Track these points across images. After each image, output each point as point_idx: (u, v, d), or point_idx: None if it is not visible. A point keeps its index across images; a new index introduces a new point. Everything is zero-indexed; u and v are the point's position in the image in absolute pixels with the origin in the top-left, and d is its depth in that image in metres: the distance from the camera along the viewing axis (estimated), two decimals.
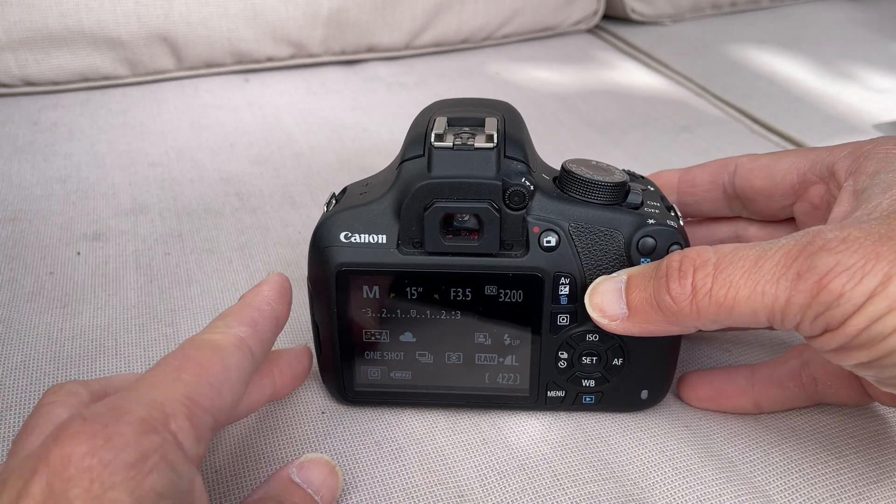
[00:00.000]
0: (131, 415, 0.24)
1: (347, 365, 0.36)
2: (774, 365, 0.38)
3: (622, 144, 0.67)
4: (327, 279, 0.34)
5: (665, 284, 0.30)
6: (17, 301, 0.44)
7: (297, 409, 0.38)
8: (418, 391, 0.36)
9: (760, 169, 0.38)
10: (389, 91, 0.76)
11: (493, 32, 0.88)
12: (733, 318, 0.29)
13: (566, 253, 0.33)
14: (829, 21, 1.00)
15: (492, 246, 0.33)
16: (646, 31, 0.95)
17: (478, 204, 0.32)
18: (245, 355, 0.29)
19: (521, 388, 0.36)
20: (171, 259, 0.49)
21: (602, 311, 0.32)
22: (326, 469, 0.31)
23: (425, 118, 0.35)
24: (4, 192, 0.56)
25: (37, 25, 0.68)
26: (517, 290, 0.34)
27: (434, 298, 0.34)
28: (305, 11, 0.76)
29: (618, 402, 0.37)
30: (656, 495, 0.34)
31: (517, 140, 0.33)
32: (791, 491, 0.34)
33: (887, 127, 0.71)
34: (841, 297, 0.26)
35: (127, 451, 0.22)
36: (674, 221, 0.34)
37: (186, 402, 0.25)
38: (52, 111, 0.69)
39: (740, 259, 0.28)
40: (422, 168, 0.33)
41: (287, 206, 0.55)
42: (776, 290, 0.27)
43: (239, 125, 0.68)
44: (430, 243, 0.33)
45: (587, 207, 0.34)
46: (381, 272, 0.34)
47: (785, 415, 0.38)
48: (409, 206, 0.32)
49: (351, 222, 0.33)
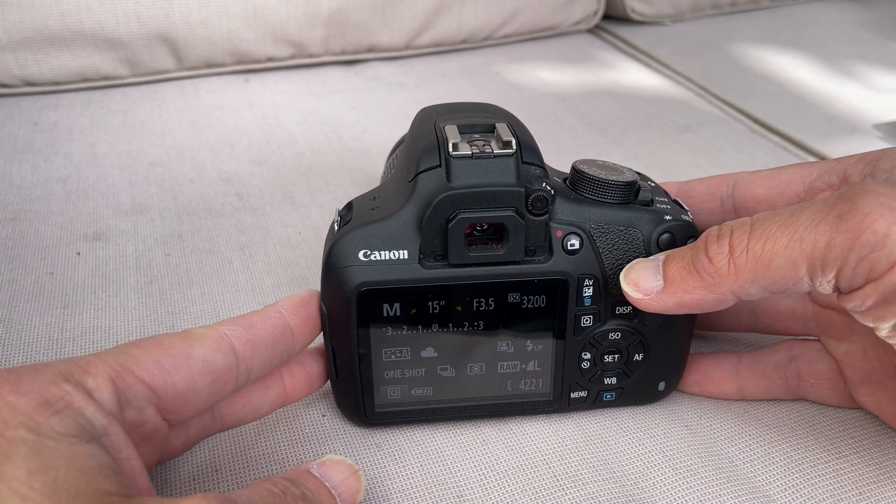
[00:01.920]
0: (50, 368, 0.25)
1: (367, 387, 0.35)
2: (761, 355, 0.38)
3: (622, 144, 0.67)
4: (347, 300, 0.32)
5: (703, 248, 0.30)
6: (18, 302, 0.44)
7: (297, 410, 0.38)
8: (440, 406, 0.36)
9: (763, 178, 0.37)
10: (389, 91, 0.76)
11: (493, 32, 0.88)
12: (771, 274, 0.28)
13: (589, 255, 0.33)
14: (829, 21, 1.00)
15: (517, 253, 0.33)
16: (646, 31, 0.95)
17: (502, 212, 0.32)
18: (221, 349, 0.29)
19: (544, 392, 0.36)
20: (171, 259, 0.49)
21: (637, 286, 0.32)
22: (348, 470, 0.31)
23: (428, 127, 0.34)
24: (4, 193, 0.56)
25: (37, 25, 0.68)
26: (541, 296, 0.34)
27: (457, 311, 0.34)
28: (305, 11, 0.76)
29: (637, 396, 0.37)
30: (656, 495, 0.34)
31: (531, 145, 0.33)
32: (791, 491, 0.34)
33: (887, 127, 0.71)
34: (887, 237, 0.25)
35: (30, 395, 0.24)
36: (686, 215, 0.34)
37: (117, 367, 0.27)
38: (52, 111, 0.69)
39: (776, 215, 0.28)
40: (441, 179, 0.32)
41: (287, 206, 0.55)
42: (815, 234, 0.26)
43: (239, 125, 0.68)
44: (455, 255, 0.32)
45: (604, 208, 0.33)
46: (405, 289, 0.33)
47: (785, 414, 0.38)
48: (432, 219, 0.32)
49: (369, 239, 0.32)
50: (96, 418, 0.25)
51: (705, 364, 0.39)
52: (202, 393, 0.29)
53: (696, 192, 0.39)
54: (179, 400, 0.28)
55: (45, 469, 0.22)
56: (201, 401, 0.29)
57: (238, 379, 0.30)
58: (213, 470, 0.34)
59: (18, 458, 0.22)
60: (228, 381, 0.30)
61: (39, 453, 0.22)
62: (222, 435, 0.36)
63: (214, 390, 0.30)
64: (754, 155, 0.65)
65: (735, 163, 0.64)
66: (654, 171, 0.43)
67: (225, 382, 0.30)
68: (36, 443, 0.23)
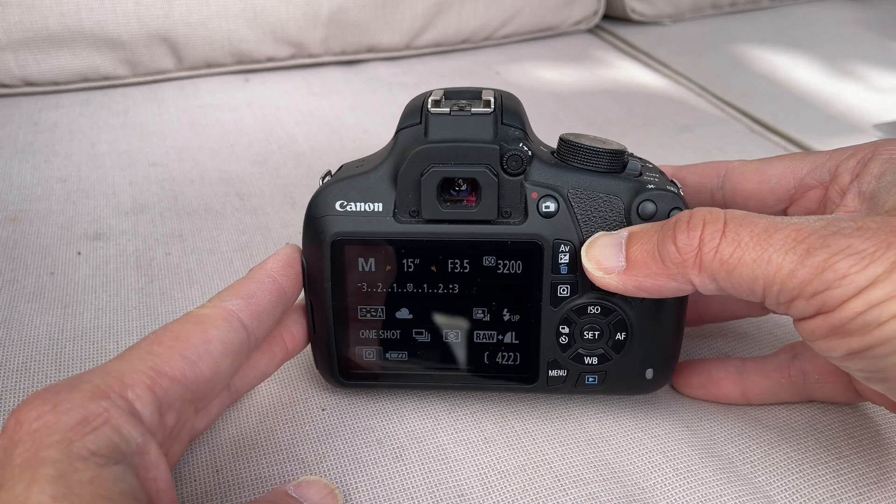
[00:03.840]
0: (87, 384, 0.25)
1: (342, 344, 0.35)
2: (765, 358, 0.38)
3: (622, 144, 0.67)
4: (322, 251, 0.33)
5: (672, 235, 0.30)
6: (18, 302, 0.44)
7: (297, 406, 0.38)
8: (415, 373, 0.36)
9: (753, 172, 0.37)
10: (389, 91, 0.76)
11: (493, 32, 0.88)
12: (731, 281, 0.28)
13: (565, 219, 0.33)
14: (829, 21, 1.00)
15: (490, 212, 0.33)
16: (646, 31, 0.95)
17: (475, 168, 0.32)
18: (233, 327, 0.29)
19: (522, 367, 0.35)
20: (171, 259, 0.49)
21: (598, 263, 0.32)
22: (325, 490, 0.31)
23: (422, 95, 0.35)
24: (5, 193, 0.56)
25: (37, 25, 0.68)
26: (516, 261, 0.33)
27: (431, 271, 0.34)
28: (305, 11, 0.76)
29: (622, 382, 0.36)
30: (657, 496, 0.34)
31: (514, 110, 0.33)
32: (792, 491, 0.34)
33: (887, 127, 0.71)
34: (844, 277, 0.26)
35: (70, 414, 0.24)
36: (674, 188, 0.34)
37: (151, 373, 0.26)
38: (52, 111, 0.69)
39: (751, 223, 0.28)
40: (418, 134, 0.32)
41: (287, 206, 0.55)
42: (783, 259, 0.27)
43: (239, 125, 0.68)
44: (428, 210, 0.33)
45: (586, 175, 0.33)
46: (377, 241, 0.33)
47: (786, 414, 0.38)
48: (406, 172, 0.32)
49: (347, 191, 0.33)
50: (132, 436, 0.25)
51: (708, 367, 0.39)
52: (225, 374, 0.29)
53: (687, 182, 0.39)
54: (208, 386, 0.28)
55: (69, 495, 0.22)
56: (223, 381, 0.30)
57: (249, 351, 0.31)
58: (214, 470, 0.34)
59: (44, 481, 0.22)
60: (243, 356, 0.31)
61: (65, 478, 0.22)
62: (222, 435, 0.36)
63: (234, 368, 0.30)
64: (754, 155, 0.65)
65: None
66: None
67: (241, 358, 0.30)
68: (64, 465, 0.23)
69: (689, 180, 0.39)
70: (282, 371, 0.40)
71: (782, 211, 0.37)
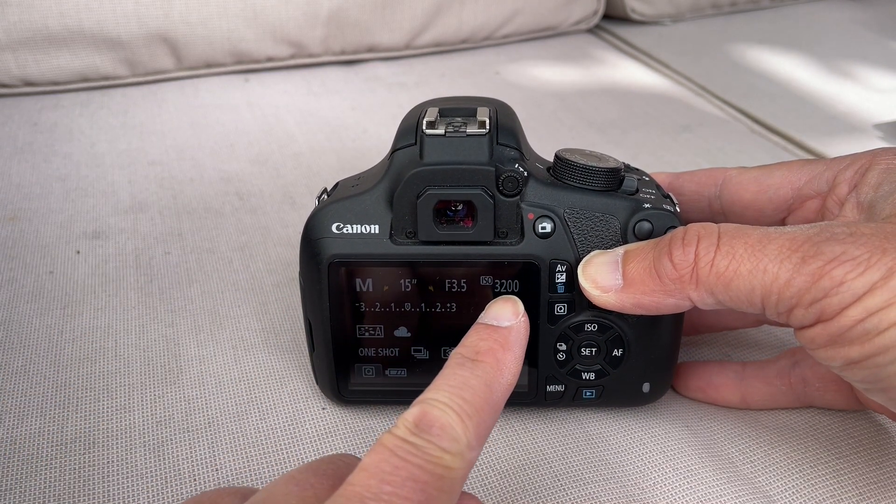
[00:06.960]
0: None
1: (341, 363, 0.35)
2: (765, 363, 0.38)
3: (622, 144, 0.67)
4: (319, 272, 0.33)
5: (668, 251, 0.30)
6: (18, 302, 0.44)
7: (297, 406, 0.38)
8: (414, 389, 0.36)
9: (750, 182, 0.37)
10: (389, 91, 0.76)
11: (493, 32, 0.88)
12: (729, 293, 0.28)
13: (562, 239, 0.33)
14: (829, 21, 1.00)
15: (486, 234, 0.33)
16: (646, 31, 0.95)
17: (471, 190, 0.32)
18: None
19: (520, 382, 0.35)
20: (171, 258, 0.49)
21: (595, 282, 0.31)
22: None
23: (417, 111, 0.35)
24: (4, 192, 0.56)
25: (37, 25, 0.68)
26: (513, 280, 0.33)
27: (429, 290, 0.34)
28: (305, 11, 0.76)
29: (619, 396, 0.36)
30: (657, 496, 0.34)
31: (509, 128, 0.33)
32: (792, 491, 0.34)
33: (887, 127, 0.71)
34: (841, 284, 0.26)
35: None
36: (670, 206, 0.34)
37: None
38: (51, 111, 0.69)
39: (745, 235, 0.28)
40: (413, 156, 0.32)
41: (287, 206, 0.55)
42: (778, 269, 0.27)
43: (239, 125, 0.68)
44: (424, 232, 0.33)
45: (582, 194, 0.33)
46: (374, 263, 0.33)
47: (786, 415, 0.38)
48: (402, 195, 0.32)
49: (343, 213, 0.33)
50: None
51: (708, 371, 0.38)
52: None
53: (685, 191, 0.39)
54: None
55: None
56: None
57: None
58: (214, 469, 0.34)
59: None
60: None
61: None
62: (222, 434, 0.36)
63: None
64: (754, 155, 0.65)
65: (735, 163, 0.63)
66: (653, 171, 0.43)
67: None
68: None
69: (686, 188, 0.39)
70: (282, 370, 0.40)
71: (781, 221, 0.37)
